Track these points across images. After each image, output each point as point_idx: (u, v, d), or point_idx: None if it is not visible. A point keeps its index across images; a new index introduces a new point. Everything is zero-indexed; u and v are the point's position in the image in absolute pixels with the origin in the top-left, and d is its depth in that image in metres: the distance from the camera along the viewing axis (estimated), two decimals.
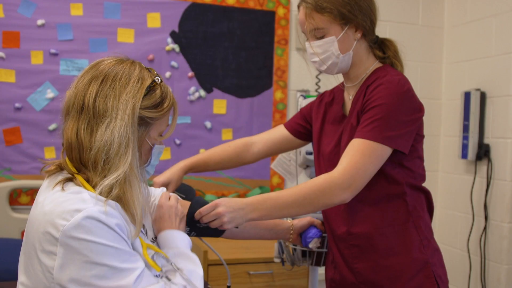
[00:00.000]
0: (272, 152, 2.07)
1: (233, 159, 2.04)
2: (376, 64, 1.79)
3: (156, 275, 1.31)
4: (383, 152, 1.60)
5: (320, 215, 1.99)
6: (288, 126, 2.05)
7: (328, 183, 1.56)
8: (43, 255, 1.19)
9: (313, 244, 1.91)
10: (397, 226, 1.71)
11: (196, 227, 1.64)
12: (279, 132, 2.05)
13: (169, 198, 1.58)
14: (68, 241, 1.15)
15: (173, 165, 1.94)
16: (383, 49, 1.82)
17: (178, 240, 1.45)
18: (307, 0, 1.72)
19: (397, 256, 1.70)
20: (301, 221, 1.93)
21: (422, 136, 1.76)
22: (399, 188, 1.70)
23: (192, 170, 1.98)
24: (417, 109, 1.68)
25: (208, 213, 1.53)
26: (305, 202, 1.56)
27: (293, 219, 1.95)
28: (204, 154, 2.03)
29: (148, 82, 1.33)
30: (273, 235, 1.91)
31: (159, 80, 1.37)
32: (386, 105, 1.61)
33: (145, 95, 1.31)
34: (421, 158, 1.77)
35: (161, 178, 1.86)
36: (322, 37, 1.72)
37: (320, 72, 1.83)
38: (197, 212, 1.56)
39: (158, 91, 1.35)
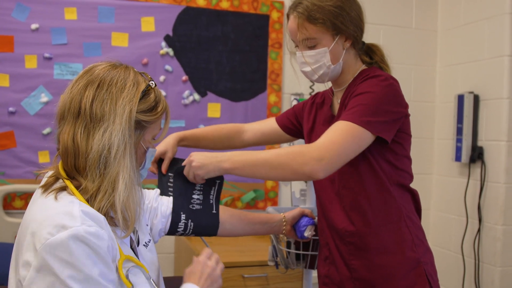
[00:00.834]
0: (261, 142, 2.12)
1: (224, 142, 2.09)
2: (364, 66, 1.82)
3: None
4: (363, 135, 1.59)
5: (314, 208, 2.00)
6: (279, 121, 2.08)
7: (303, 151, 1.56)
8: (20, 265, 1.18)
9: (308, 232, 1.91)
10: (390, 225, 1.72)
11: (190, 210, 1.67)
12: (270, 125, 2.09)
13: (210, 257, 1.53)
14: (47, 256, 1.12)
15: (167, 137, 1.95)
16: (369, 54, 1.84)
17: None
18: (299, 10, 1.71)
19: (390, 255, 1.72)
20: (291, 212, 1.94)
21: (410, 136, 1.77)
22: (389, 187, 1.72)
23: (184, 141, 2.01)
24: (401, 104, 1.68)
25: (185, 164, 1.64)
26: (276, 163, 1.58)
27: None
28: (198, 130, 2.07)
29: (143, 86, 1.34)
30: (267, 229, 1.90)
31: (153, 84, 1.38)
32: (370, 93, 1.63)
33: (140, 99, 1.32)
34: (409, 158, 1.78)
35: (158, 148, 1.87)
36: (313, 47, 1.73)
37: (312, 81, 1.85)
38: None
39: (152, 95, 1.36)
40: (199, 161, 1.63)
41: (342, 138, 1.57)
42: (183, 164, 1.72)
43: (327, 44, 1.71)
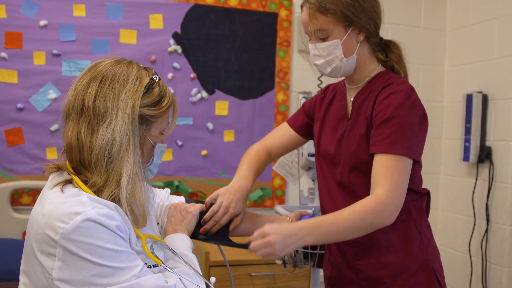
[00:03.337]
0: (283, 154, 2.03)
1: (265, 167, 1.98)
2: (380, 68, 1.78)
3: (152, 266, 1.33)
4: (410, 164, 1.63)
5: (318, 208, 1.99)
6: (294, 127, 1.99)
7: (380, 206, 1.56)
8: (42, 256, 1.20)
9: None
10: (398, 224, 1.71)
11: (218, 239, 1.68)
12: (288, 133, 1.99)
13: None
14: (67, 243, 1.15)
15: (234, 192, 1.74)
16: (386, 51, 1.81)
17: (176, 243, 1.47)
18: (311, 0, 1.69)
19: (398, 253, 1.71)
20: (293, 213, 1.92)
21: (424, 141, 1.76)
22: None
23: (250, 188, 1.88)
24: (425, 116, 1.70)
25: (258, 242, 1.48)
26: (360, 227, 1.56)
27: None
28: (250, 172, 1.88)
29: (146, 80, 1.34)
30: None
31: (157, 78, 1.37)
32: (400, 117, 1.62)
33: (144, 94, 1.32)
34: (420, 164, 1.77)
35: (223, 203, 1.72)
36: (325, 39, 1.69)
37: (323, 75, 1.81)
38: (248, 240, 1.51)
39: (156, 89, 1.36)
40: (282, 244, 1.47)
41: (402, 179, 1.60)
42: (250, 239, 1.52)
43: (339, 36, 1.68)
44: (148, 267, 1.31)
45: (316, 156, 1.90)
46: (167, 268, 1.32)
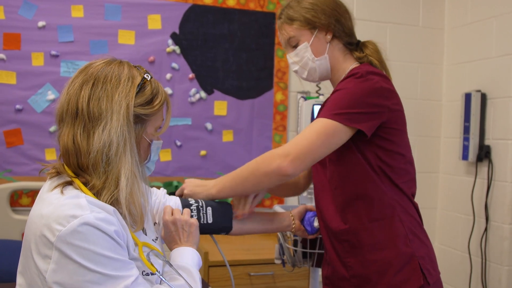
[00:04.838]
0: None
1: (292, 189, 2.12)
2: (355, 65, 1.82)
3: (150, 274, 1.32)
4: (336, 129, 1.61)
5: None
6: None
7: (269, 152, 1.65)
8: (38, 258, 1.19)
9: (317, 222, 1.92)
10: (382, 221, 1.73)
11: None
12: None
13: (172, 212, 1.60)
14: (63, 246, 1.15)
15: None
16: (362, 50, 1.85)
17: (184, 256, 1.47)
18: (281, 16, 1.84)
19: (383, 251, 1.72)
20: (296, 209, 1.98)
21: (401, 131, 1.74)
22: (382, 185, 1.72)
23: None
24: (381, 96, 1.66)
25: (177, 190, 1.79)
26: (247, 173, 1.66)
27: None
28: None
29: (138, 80, 1.34)
30: (277, 225, 1.91)
31: (149, 77, 1.37)
32: (344, 89, 1.67)
33: (137, 93, 1.32)
34: (401, 154, 1.75)
35: None
36: (296, 46, 1.81)
37: (305, 80, 1.87)
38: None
39: (148, 88, 1.35)
40: (191, 190, 1.76)
41: (311, 134, 1.61)
42: (176, 192, 1.82)
43: (307, 39, 1.79)
44: (146, 274, 1.31)
45: None
46: (162, 278, 1.32)
